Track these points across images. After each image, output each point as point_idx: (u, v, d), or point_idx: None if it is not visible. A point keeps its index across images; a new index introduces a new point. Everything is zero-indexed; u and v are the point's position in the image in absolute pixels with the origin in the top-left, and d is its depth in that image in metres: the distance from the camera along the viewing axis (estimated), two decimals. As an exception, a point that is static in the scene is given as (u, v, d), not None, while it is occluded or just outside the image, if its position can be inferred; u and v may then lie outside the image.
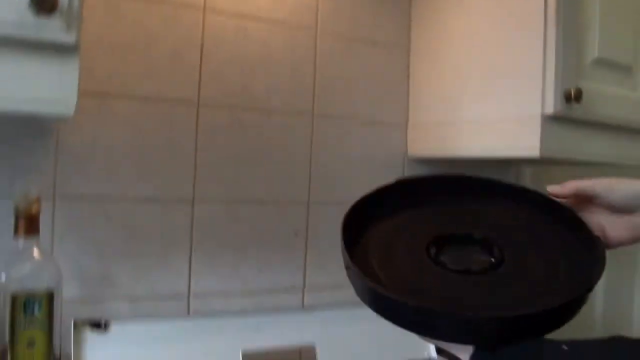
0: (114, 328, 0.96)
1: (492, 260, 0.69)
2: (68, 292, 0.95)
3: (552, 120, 1.06)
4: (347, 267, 0.67)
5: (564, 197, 0.73)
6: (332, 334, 1.12)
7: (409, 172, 1.35)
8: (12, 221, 0.85)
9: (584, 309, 0.63)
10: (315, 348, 1.11)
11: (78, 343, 0.92)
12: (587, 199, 0.73)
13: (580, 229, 0.71)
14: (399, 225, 0.76)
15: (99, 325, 0.94)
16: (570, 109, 1.06)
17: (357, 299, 0.66)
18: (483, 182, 0.79)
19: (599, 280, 0.62)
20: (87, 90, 0.72)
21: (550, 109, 1.05)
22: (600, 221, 0.72)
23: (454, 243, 0.72)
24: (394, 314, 0.62)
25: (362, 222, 0.74)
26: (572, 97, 1.03)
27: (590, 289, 0.61)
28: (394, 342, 1.00)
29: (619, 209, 0.71)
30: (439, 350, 1.09)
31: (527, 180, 1.55)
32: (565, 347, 0.56)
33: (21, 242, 0.85)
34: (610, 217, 0.72)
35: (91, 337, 0.93)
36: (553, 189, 0.74)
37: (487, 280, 0.68)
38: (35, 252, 0.86)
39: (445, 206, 0.78)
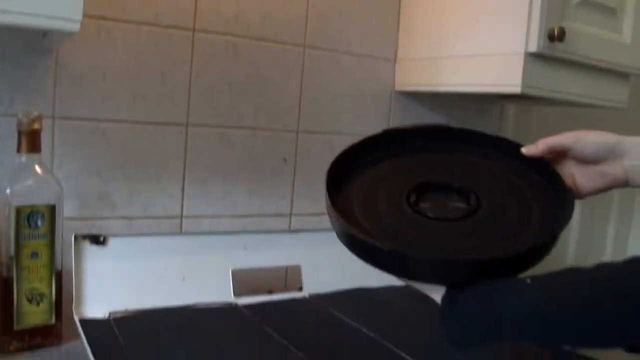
0: (112, 242, 0.99)
1: (469, 208, 0.73)
2: (67, 211, 0.98)
3: (534, 58, 1.09)
4: (328, 212, 0.71)
5: (540, 156, 0.76)
6: (317, 255, 1.16)
7: (396, 105, 1.38)
8: (14, 138, 0.87)
9: (558, 250, 0.67)
10: (301, 268, 1.17)
11: (78, 255, 0.96)
12: (558, 153, 0.76)
13: (553, 178, 0.75)
14: (382, 174, 0.79)
15: (97, 239, 0.98)
16: (553, 48, 1.08)
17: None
18: (465, 133, 0.83)
19: (565, 227, 0.67)
20: (86, 12, 0.74)
21: (533, 47, 1.07)
22: (571, 172, 0.76)
23: (434, 191, 0.76)
24: (370, 256, 0.66)
25: (348, 170, 0.77)
26: (556, 36, 1.06)
27: (555, 235, 0.66)
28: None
29: (588, 159, 0.74)
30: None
31: (510, 117, 1.60)
32: (528, 281, 0.59)
33: (24, 158, 0.87)
34: (580, 168, 0.75)
35: (90, 250, 0.97)
36: (528, 149, 0.77)
37: (463, 227, 0.71)
38: (37, 169, 0.88)
39: (428, 156, 0.81)
